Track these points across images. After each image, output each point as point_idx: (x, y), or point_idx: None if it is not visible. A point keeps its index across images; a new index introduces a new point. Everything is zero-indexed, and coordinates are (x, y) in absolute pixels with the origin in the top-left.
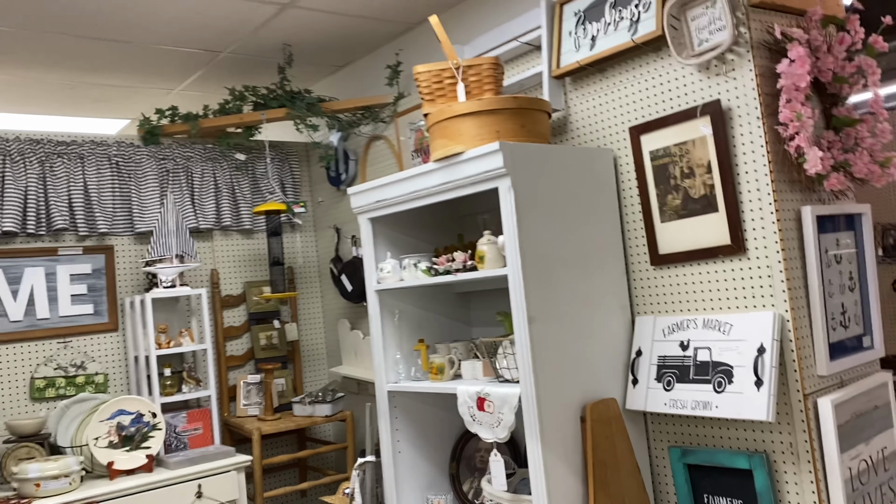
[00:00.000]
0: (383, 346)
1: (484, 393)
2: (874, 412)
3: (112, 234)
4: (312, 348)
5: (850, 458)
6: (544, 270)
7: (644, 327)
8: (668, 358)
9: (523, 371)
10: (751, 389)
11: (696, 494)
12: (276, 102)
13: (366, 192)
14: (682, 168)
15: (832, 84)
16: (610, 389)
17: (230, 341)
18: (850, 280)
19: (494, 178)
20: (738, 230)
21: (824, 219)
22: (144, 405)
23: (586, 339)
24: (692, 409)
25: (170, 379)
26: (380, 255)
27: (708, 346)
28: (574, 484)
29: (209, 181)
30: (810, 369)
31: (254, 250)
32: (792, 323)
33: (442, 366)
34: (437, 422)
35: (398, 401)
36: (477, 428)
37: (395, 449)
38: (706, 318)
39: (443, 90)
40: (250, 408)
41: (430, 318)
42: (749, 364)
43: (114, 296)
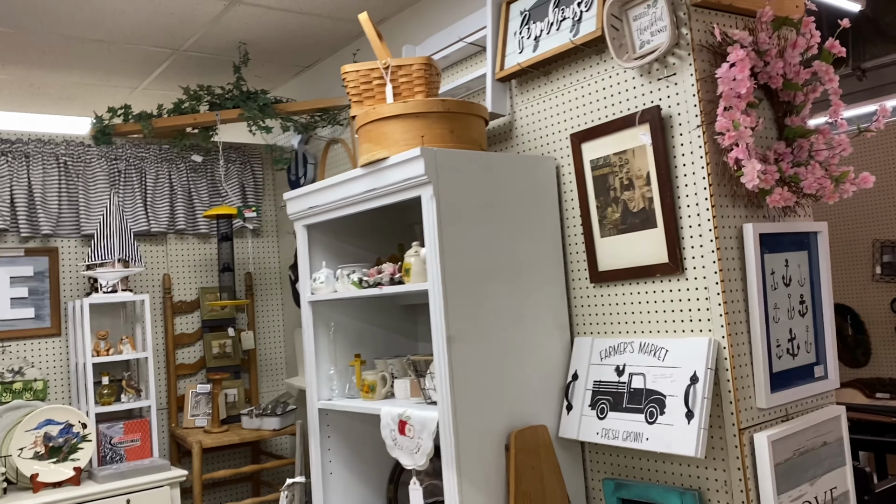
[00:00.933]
0: (316, 361)
1: (405, 416)
2: (822, 449)
3: (57, 236)
4: (270, 358)
5: (791, 499)
6: (469, 286)
7: (582, 349)
8: (603, 383)
9: (441, 394)
10: (681, 422)
11: None
12: (231, 103)
13: (300, 198)
14: (621, 179)
15: (784, 91)
16: (542, 415)
17: (182, 349)
18: (802, 304)
19: (417, 185)
20: (676, 248)
21: (772, 237)
22: (74, 415)
23: (516, 361)
24: (623, 441)
25: (108, 388)
26: (315, 263)
27: (643, 373)
28: None
29: (164, 183)
30: (748, 401)
31: (209, 255)
32: (729, 350)
33: (374, 383)
34: (374, 442)
35: (331, 419)
36: (397, 453)
37: (326, 470)
38: (643, 341)
39: (371, 91)
40: (198, 419)
41: (372, 331)
42: (681, 394)
43: (57, 300)
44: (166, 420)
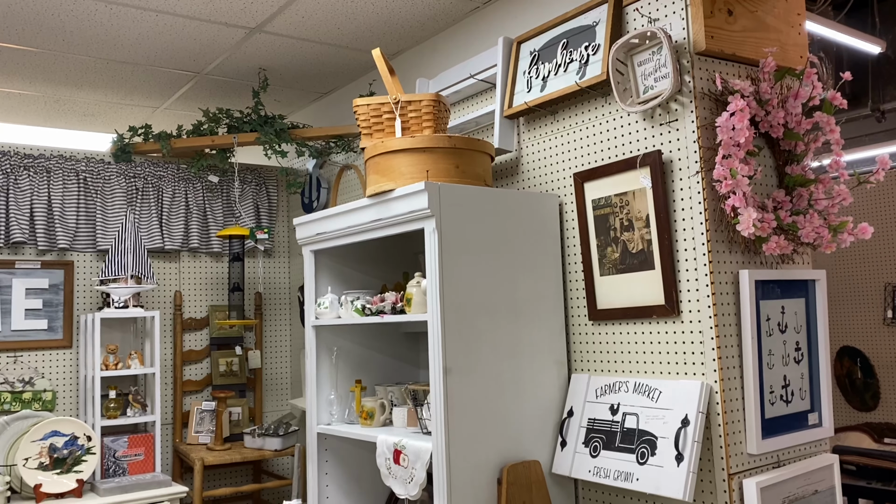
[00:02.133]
0: (317, 385)
1: (400, 445)
2: (813, 497)
3: (73, 250)
4: (276, 378)
5: None
6: (468, 318)
7: (578, 385)
8: (597, 421)
9: (436, 425)
10: (671, 464)
11: None
12: (248, 126)
13: (308, 224)
14: (622, 220)
15: (785, 140)
16: (536, 451)
17: (189, 365)
18: (797, 351)
19: (420, 218)
20: (673, 290)
21: (768, 284)
22: (80, 427)
23: (512, 395)
24: (615, 480)
25: (114, 401)
26: (321, 288)
27: (636, 413)
28: None
29: (180, 202)
30: (739, 446)
31: (221, 274)
32: (721, 395)
33: (373, 410)
34: (371, 468)
35: (330, 443)
36: (392, 482)
37: (323, 494)
38: (637, 381)
39: (381, 125)
40: (202, 435)
41: (374, 357)
42: (672, 436)
43: (70, 312)
44: (170, 435)
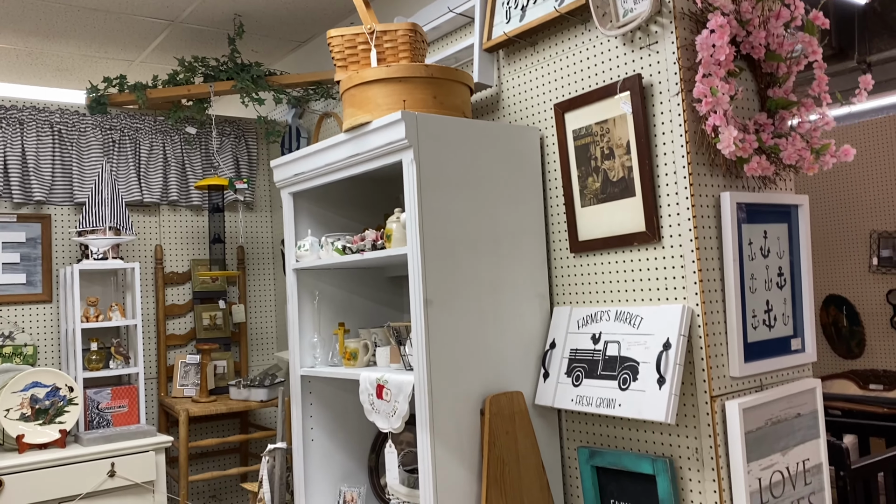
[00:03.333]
0: (300, 329)
1: (383, 380)
2: (796, 420)
3: (50, 203)
4: (261, 331)
5: (761, 467)
6: (448, 251)
7: (560, 318)
8: (579, 351)
9: (417, 357)
10: (653, 388)
11: (603, 499)
12: (225, 75)
13: (286, 165)
14: (602, 148)
15: (766, 62)
16: (519, 383)
17: (172, 319)
18: (780, 276)
19: (398, 150)
20: (654, 216)
21: (750, 207)
22: (61, 378)
23: (494, 328)
24: (597, 407)
25: (96, 354)
26: (301, 232)
27: (618, 340)
28: (467, 479)
29: (157, 154)
30: (721, 369)
31: (202, 228)
32: (702, 318)
33: (356, 351)
34: (357, 411)
35: (314, 387)
36: (374, 417)
37: (308, 437)
38: (619, 310)
39: (356, 57)
40: (187, 388)
41: (357, 302)
42: (653, 360)
43: (49, 266)
44: (155, 389)
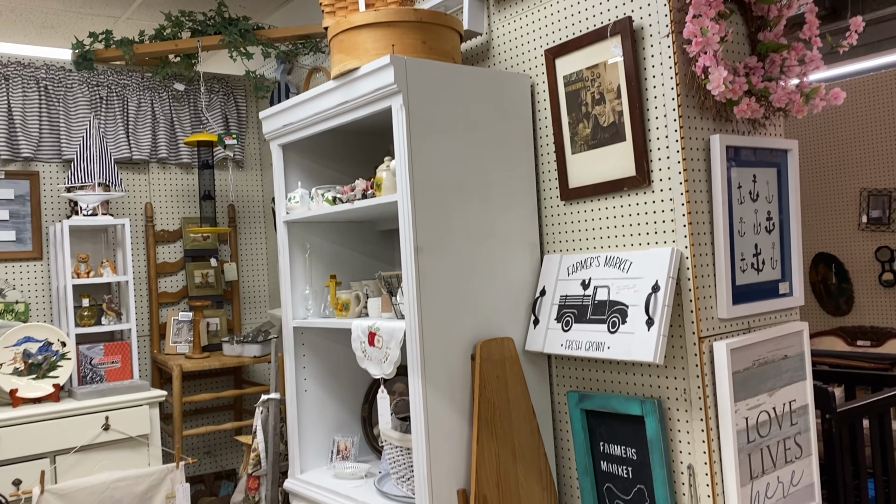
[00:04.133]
0: (291, 281)
1: (374, 327)
2: (783, 362)
3: (37, 160)
4: (253, 290)
5: (748, 407)
6: (439, 199)
7: (550, 266)
8: (569, 297)
9: (408, 303)
10: (642, 329)
11: (593, 441)
12: (212, 29)
13: (275, 116)
14: (593, 94)
15: (757, 5)
16: (509, 330)
17: (164, 277)
18: (769, 221)
19: (387, 95)
20: (644, 160)
21: (740, 151)
22: (54, 333)
23: (484, 276)
24: (586, 351)
25: (88, 310)
26: (291, 184)
27: (607, 285)
28: (459, 423)
29: (146, 111)
30: (709, 311)
31: (192, 186)
32: (691, 260)
33: (347, 302)
34: (349, 363)
35: (307, 338)
36: (366, 364)
37: (301, 388)
38: (608, 255)
39: (344, 2)
40: (180, 345)
41: (348, 255)
42: (642, 303)
43: (38, 223)
44: (148, 346)
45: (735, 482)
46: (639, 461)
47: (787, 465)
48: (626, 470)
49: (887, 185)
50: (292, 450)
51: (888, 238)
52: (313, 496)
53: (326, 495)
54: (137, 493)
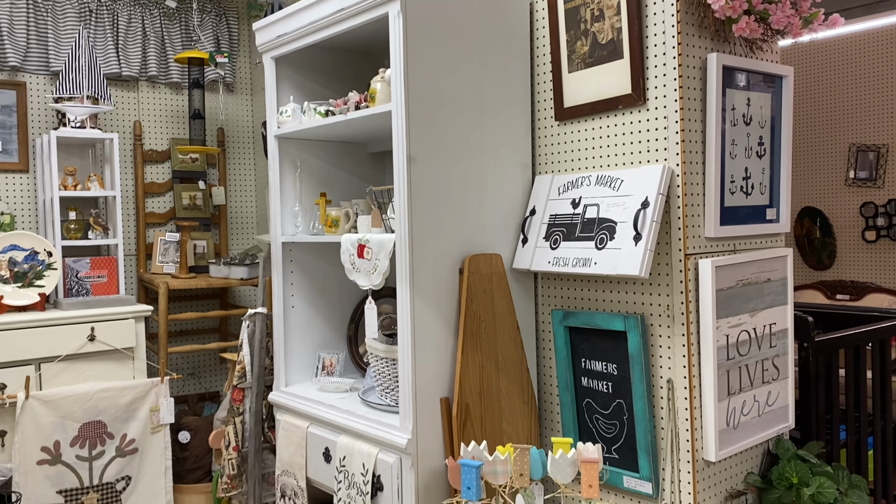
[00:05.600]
0: (281, 197)
1: (364, 240)
2: (766, 284)
3: (25, 71)
4: (241, 215)
5: (729, 325)
6: (433, 110)
7: (541, 186)
8: (558, 216)
9: (399, 214)
10: (629, 244)
11: (575, 358)
12: None
13: (269, 27)
14: (592, 10)
15: None
16: (498, 247)
17: (152, 198)
18: (760, 146)
19: (384, 2)
20: (640, 77)
21: (736, 72)
22: (40, 243)
23: (476, 192)
24: (573, 267)
25: (74, 223)
26: (283, 98)
27: (597, 203)
28: (444, 334)
29: (136, 27)
30: (697, 229)
31: (182, 107)
32: (682, 178)
33: (337, 219)
34: (337, 283)
35: (295, 255)
36: (355, 276)
37: (288, 304)
38: (600, 174)
39: None
40: (166, 265)
41: (339, 175)
42: (631, 219)
43: (25, 135)
44: (134, 265)
45: (713, 397)
46: (619, 376)
47: (764, 385)
48: (605, 385)
49: (876, 140)
50: (278, 364)
51: (874, 194)
52: (298, 407)
53: (311, 405)
54: (121, 405)
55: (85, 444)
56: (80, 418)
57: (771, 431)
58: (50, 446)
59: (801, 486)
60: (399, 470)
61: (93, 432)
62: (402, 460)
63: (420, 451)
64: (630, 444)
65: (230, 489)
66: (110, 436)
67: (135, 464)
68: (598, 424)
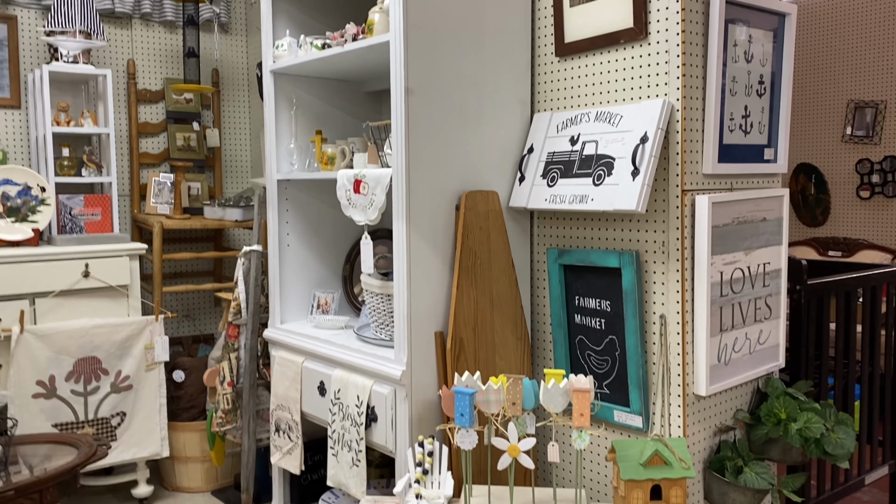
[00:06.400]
0: (276, 135)
1: (360, 175)
2: (762, 224)
3: (15, 4)
4: (236, 158)
5: (724, 262)
6: (431, 41)
7: (540, 123)
8: (556, 154)
9: (396, 147)
10: (626, 180)
11: (569, 296)
12: None
13: None
14: None
15: None
16: (495, 184)
17: (146, 138)
18: (761, 84)
19: None
20: (643, 10)
21: (739, 7)
22: (33, 178)
23: (473, 128)
24: (570, 204)
25: (68, 160)
26: (279, 32)
27: (596, 139)
28: (440, 269)
29: None
30: (695, 165)
31: (176, 46)
32: (682, 113)
33: (333, 156)
34: (333, 223)
35: (290, 193)
36: (351, 211)
37: (284, 242)
38: (599, 110)
39: None
40: (160, 206)
41: (335, 114)
42: (629, 155)
43: (16, 70)
44: (128, 206)
45: (705, 332)
46: (612, 313)
47: (756, 323)
48: (599, 322)
49: (874, 96)
50: (273, 301)
51: (870, 150)
52: (293, 342)
53: (306, 341)
54: (116, 341)
55: (80, 380)
56: (75, 353)
57: (761, 369)
58: (45, 380)
59: (789, 421)
60: (393, 401)
61: (88, 368)
62: (397, 391)
63: (414, 382)
64: (621, 380)
65: (225, 423)
66: (105, 372)
67: (130, 400)
68: (590, 360)
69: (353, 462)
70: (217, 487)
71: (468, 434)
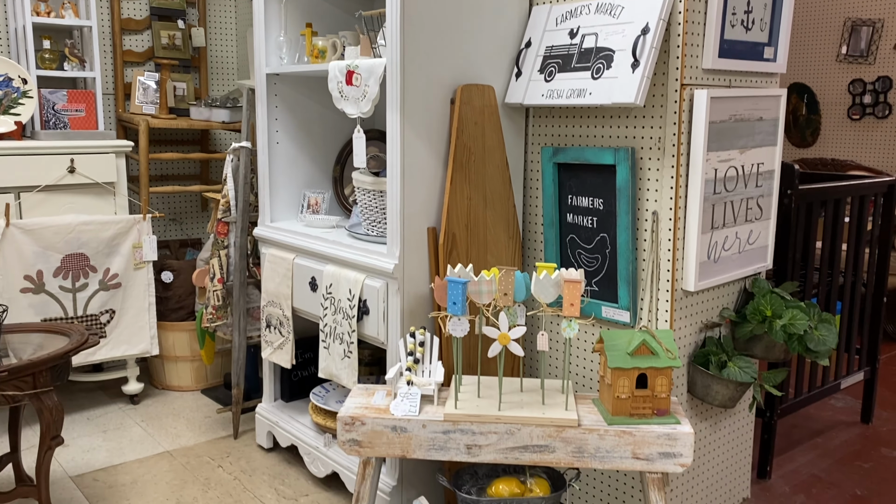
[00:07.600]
0: (265, 27)
1: (353, 66)
2: (758, 123)
3: None
4: (222, 59)
5: (719, 159)
6: None
7: (538, 17)
8: (555, 48)
9: (390, 37)
10: (626, 72)
11: (561, 195)
12: None
13: None
14: None
15: None
16: (491, 79)
17: (129, 35)
18: None
19: None
20: None
21: None
22: (14, 69)
23: (470, 17)
24: (567, 98)
25: (49, 52)
26: None
27: (596, 32)
28: (434, 165)
29: None
30: (695, 59)
31: None
32: (684, 3)
33: (324, 49)
34: (323, 122)
35: (280, 89)
36: (343, 104)
37: (273, 139)
38: (600, 2)
39: None
40: (146, 106)
41: (325, 8)
42: (629, 47)
43: None
44: (112, 105)
45: (696, 229)
46: (605, 211)
47: (747, 223)
48: (590, 220)
49: (871, 14)
50: (263, 200)
51: (864, 70)
52: (284, 240)
53: (298, 238)
54: (104, 239)
55: (68, 276)
56: (63, 249)
57: (749, 269)
58: (32, 275)
59: (774, 318)
60: (385, 294)
61: (75, 264)
62: (389, 285)
63: (406, 276)
64: (611, 276)
65: (215, 319)
66: (93, 269)
67: (118, 298)
68: (581, 259)
69: (346, 353)
70: (207, 386)
71: (460, 322)
